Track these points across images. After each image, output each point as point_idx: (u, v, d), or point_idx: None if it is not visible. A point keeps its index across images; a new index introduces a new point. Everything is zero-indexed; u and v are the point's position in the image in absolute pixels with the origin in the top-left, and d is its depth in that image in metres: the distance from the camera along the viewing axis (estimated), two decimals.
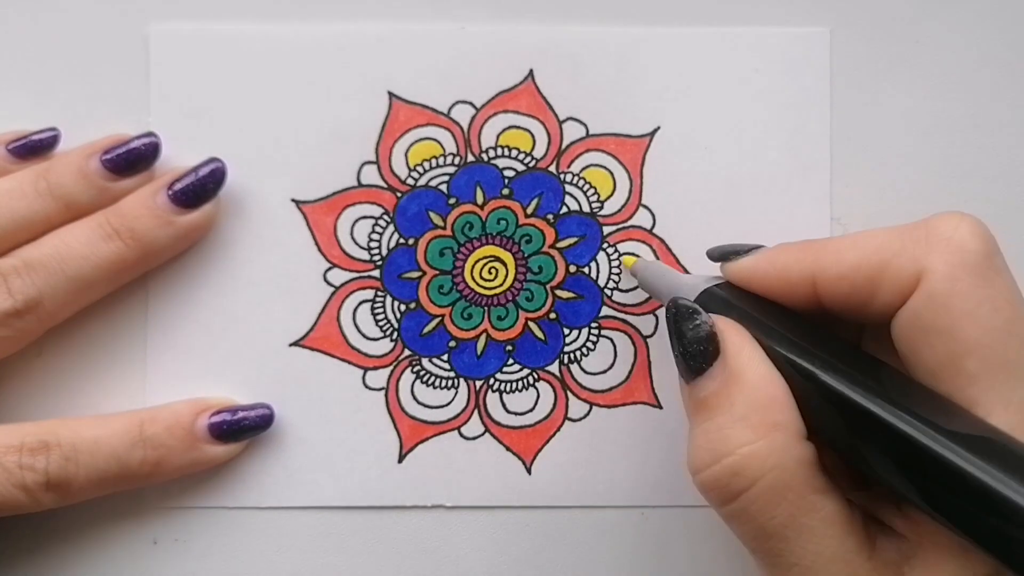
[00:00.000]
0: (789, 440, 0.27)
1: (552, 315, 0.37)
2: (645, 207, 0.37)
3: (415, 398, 0.36)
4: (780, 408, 0.27)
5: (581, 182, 0.37)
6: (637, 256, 0.36)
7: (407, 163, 0.37)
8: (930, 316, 0.26)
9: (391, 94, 0.37)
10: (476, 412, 0.36)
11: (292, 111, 0.36)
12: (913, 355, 0.27)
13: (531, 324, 0.37)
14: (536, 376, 0.37)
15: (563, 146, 0.37)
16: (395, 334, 0.36)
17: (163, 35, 0.36)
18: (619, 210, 0.37)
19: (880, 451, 0.26)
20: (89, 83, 0.36)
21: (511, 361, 0.37)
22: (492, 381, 0.37)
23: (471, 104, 0.37)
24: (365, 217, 0.37)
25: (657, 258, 0.37)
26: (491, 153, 0.37)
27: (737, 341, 0.28)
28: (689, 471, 0.28)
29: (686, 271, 0.36)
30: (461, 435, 0.36)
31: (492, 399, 0.36)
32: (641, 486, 0.36)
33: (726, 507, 0.27)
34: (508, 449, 0.36)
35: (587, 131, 0.37)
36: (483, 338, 0.37)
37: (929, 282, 0.26)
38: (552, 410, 0.37)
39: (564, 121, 0.37)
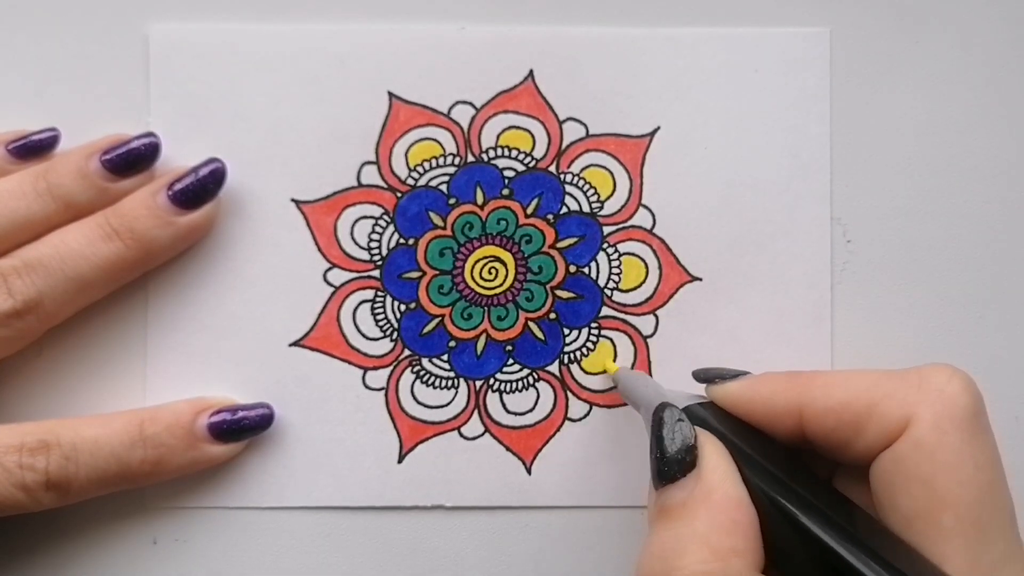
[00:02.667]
0: (745, 569, 0.26)
1: (552, 315, 0.37)
2: (645, 207, 0.37)
3: (415, 398, 0.36)
4: (744, 535, 0.27)
5: (581, 182, 0.37)
6: (619, 366, 0.36)
7: (407, 163, 0.37)
8: (913, 464, 0.26)
9: (391, 94, 0.37)
10: (476, 412, 0.36)
11: (292, 111, 0.36)
12: (889, 500, 0.27)
13: (531, 324, 0.37)
14: (536, 376, 0.37)
15: (563, 146, 0.37)
16: (395, 334, 0.37)
17: (163, 35, 0.36)
18: (619, 210, 0.37)
19: None
20: (89, 83, 0.36)
21: (511, 361, 0.37)
22: (492, 381, 0.37)
23: (471, 104, 0.37)
24: (365, 217, 0.37)
25: (656, 257, 0.37)
26: (491, 153, 0.37)
27: (715, 458, 0.28)
28: (636, 575, 0.28)
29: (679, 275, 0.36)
30: (461, 435, 0.36)
31: (492, 399, 0.37)
32: (641, 486, 0.36)
33: None
34: (508, 449, 0.36)
35: (587, 131, 0.37)
36: (483, 338, 0.37)
37: (917, 429, 0.27)
38: (552, 410, 0.37)
39: (564, 121, 0.37)
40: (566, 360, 0.37)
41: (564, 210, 0.37)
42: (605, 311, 0.37)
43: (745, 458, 0.28)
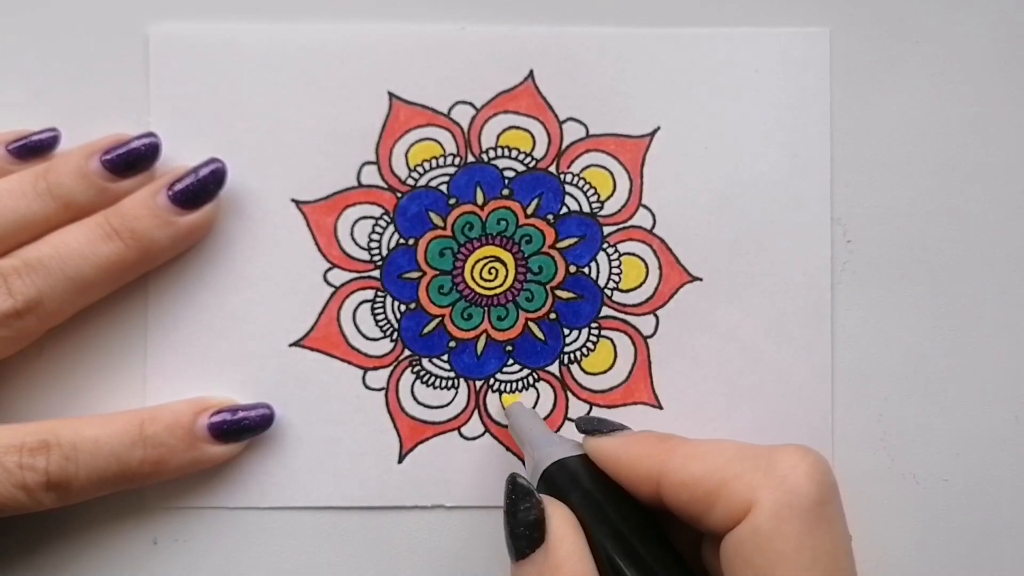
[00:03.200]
0: None
1: (552, 315, 0.37)
2: (645, 207, 0.37)
3: (415, 398, 0.36)
4: None
5: (581, 182, 0.37)
6: (517, 395, 0.36)
7: (407, 163, 0.37)
8: (750, 550, 0.26)
9: (391, 94, 0.37)
10: (476, 412, 0.36)
11: (292, 111, 0.36)
12: None
13: (531, 324, 0.37)
14: (536, 376, 0.37)
15: (563, 146, 0.37)
16: (395, 334, 0.36)
17: (163, 35, 0.36)
18: (619, 210, 0.37)
19: None
20: (89, 83, 0.36)
21: (511, 361, 0.37)
22: (492, 381, 0.37)
23: (471, 104, 0.37)
24: (365, 217, 0.37)
25: (656, 257, 0.37)
26: (491, 153, 0.37)
27: (561, 533, 0.28)
28: None
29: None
30: (461, 435, 0.36)
31: (492, 399, 0.37)
32: None
33: None
34: (508, 449, 0.36)
35: (587, 131, 0.37)
36: (483, 338, 0.37)
37: (756, 516, 0.27)
38: (552, 410, 0.37)
39: (564, 121, 0.37)
40: (566, 360, 0.37)
41: (564, 210, 0.37)
42: (605, 311, 0.37)
43: (604, 520, 0.29)
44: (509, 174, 0.37)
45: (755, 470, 0.27)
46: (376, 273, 0.37)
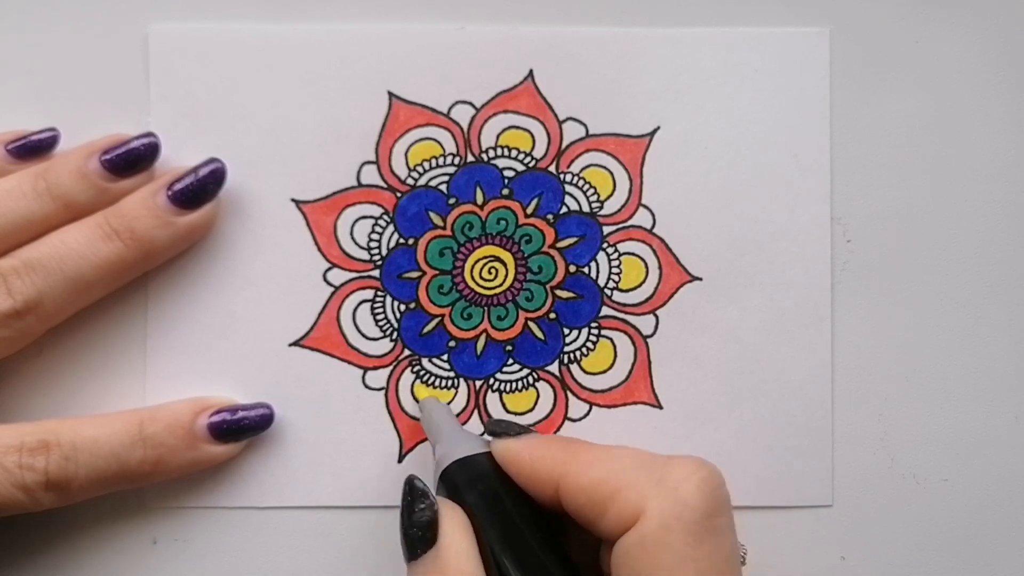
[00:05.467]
0: None
1: (552, 315, 0.37)
2: (645, 207, 0.37)
3: (415, 398, 0.36)
4: None
5: (581, 182, 0.37)
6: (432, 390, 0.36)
7: (407, 163, 0.37)
8: (636, 558, 0.27)
9: (391, 94, 0.37)
10: (476, 412, 0.36)
11: (292, 111, 0.36)
12: None
13: (531, 324, 0.37)
14: (536, 376, 0.37)
15: (563, 146, 0.37)
16: (395, 334, 0.36)
17: (163, 35, 0.36)
18: (619, 210, 0.37)
19: None
20: (89, 83, 0.36)
21: (511, 361, 0.37)
22: (492, 381, 0.37)
23: (471, 104, 0.37)
24: (365, 217, 0.37)
25: (656, 257, 0.37)
26: (491, 153, 0.37)
27: (451, 534, 0.29)
28: None
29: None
30: None
31: (492, 399, 0.36)
32: None
33: None
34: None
35: (587, 131, 0.37)
36: (483, 338, 0.37)
37: (643, 525, 0.27)
38: (552, 410, 0.37)
39: (564, 121, 0.37)
40: (566, 360, 0.37)
41: (564, 210, 0.37)
42: (605, 311, 0.37)
43: (499, 522, 0.29)
44: (509, 174, 0.37)
45: (648, 479, 0.27)
46: (376, 273, 0.37)
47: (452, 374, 0.36)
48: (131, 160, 0.35)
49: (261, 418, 0.35)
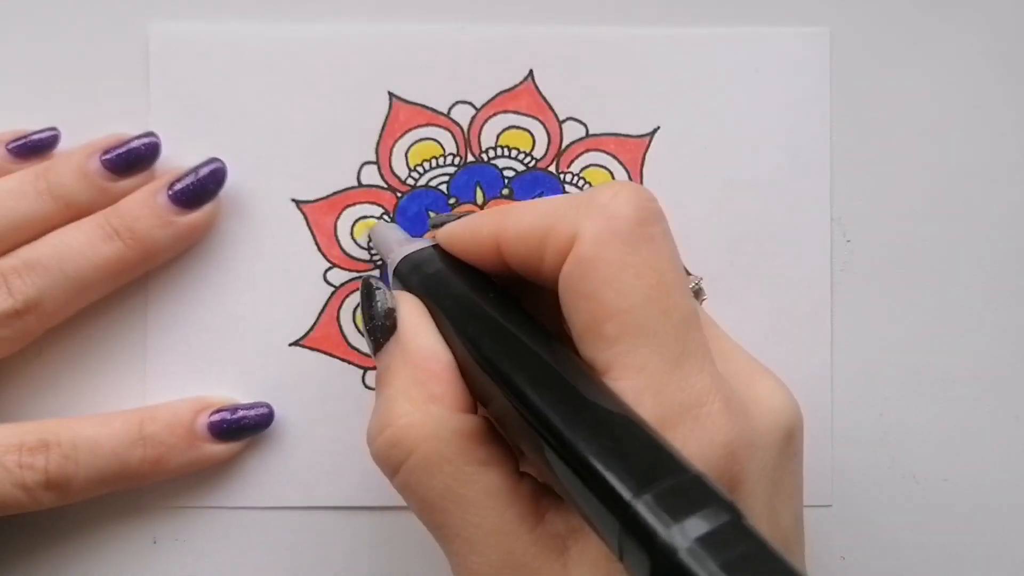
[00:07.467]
0: (444, 412, 0.27)
1: None
2: None
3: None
4: (439, 381, 0.27)
5: (581, 182, 0.37)
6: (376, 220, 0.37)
7: (407, 163, 0.37)
8: (577, 279, 0.26)
9: (391, 94, 0.37)
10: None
11: (292, 111, 0.36)
12: (568, 319, 0.27)
13: None
14: None
15: (563, 146, 0.37)
16: None
17: (163, 35, 0.36)
18: None
19: (514, 423, 0.26)
20: (89, 83, 0.36)
21: None
22: None
23: (471, 104, 0.37)
24: (365, 217, 0.37)
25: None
26: (491, 153, 0.37)
27: (408, 316, 0.29)
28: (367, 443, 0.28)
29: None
30: None
31: None
32: None
33: (394, 480, 0.28)
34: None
35: (587, 131, 0.37)
36: None
37: (580, 246, 0.27)
38: None
39: (564, 121, 0.37)
40: None
41: None
42: None
43: (455, 300, 0.29)
44: (509, 174, 0.37)
45: (577, 207, 0.27)
46: (376, 273, 0.37)
47: None
48: (131, 160, 0.35)
49: (261, 418, 0.35)
